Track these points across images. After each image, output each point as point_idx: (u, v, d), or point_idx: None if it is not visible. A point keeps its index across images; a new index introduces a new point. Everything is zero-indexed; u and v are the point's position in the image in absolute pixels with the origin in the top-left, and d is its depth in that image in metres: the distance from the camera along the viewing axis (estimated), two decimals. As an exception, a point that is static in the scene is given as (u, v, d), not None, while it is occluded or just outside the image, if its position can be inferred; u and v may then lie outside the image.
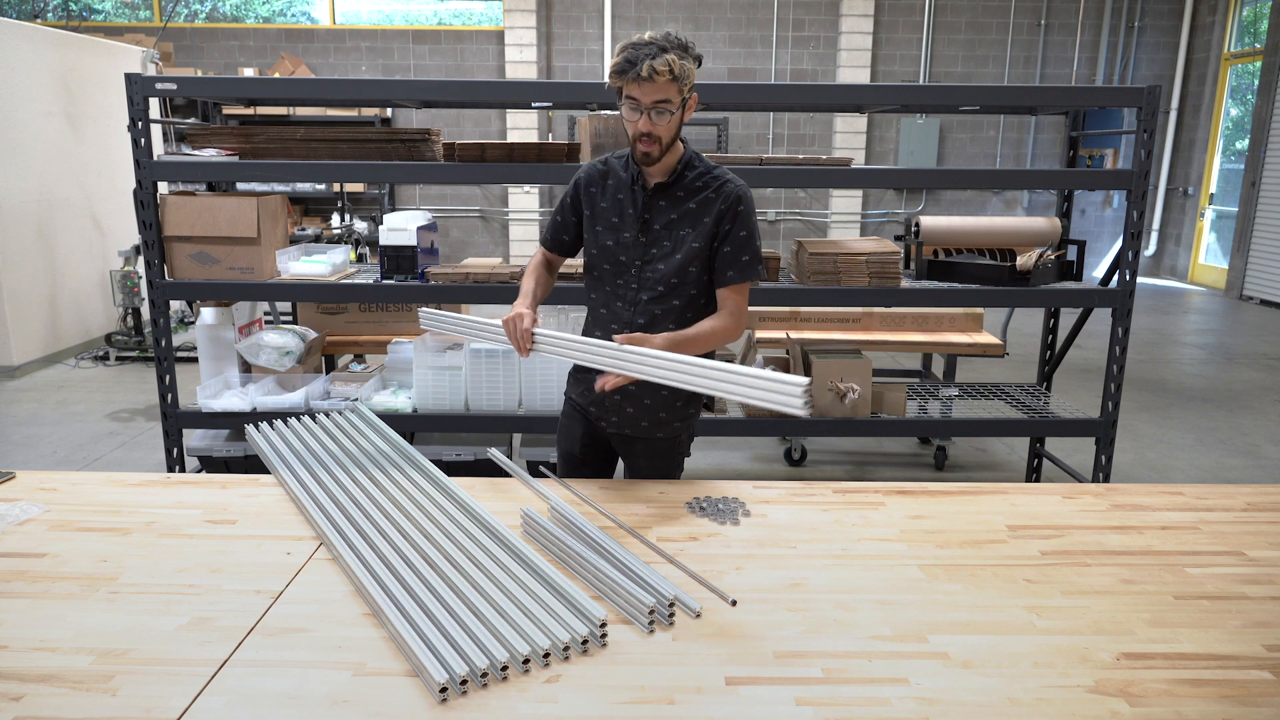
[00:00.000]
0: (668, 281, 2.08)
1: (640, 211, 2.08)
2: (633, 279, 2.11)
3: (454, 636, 1.37)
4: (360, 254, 8.93)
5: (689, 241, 2.06)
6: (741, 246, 2.06)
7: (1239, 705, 1.28)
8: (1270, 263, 9.17)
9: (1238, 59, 10.03)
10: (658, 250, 2.08)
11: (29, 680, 1.30)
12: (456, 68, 10.27)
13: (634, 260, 2.10)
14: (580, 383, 2.25)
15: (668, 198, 2.07)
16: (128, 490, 2.03)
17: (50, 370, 6.16)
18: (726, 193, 2.05)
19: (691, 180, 2.07)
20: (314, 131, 3.39)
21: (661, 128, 1.94)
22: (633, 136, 1.98)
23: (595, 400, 2.18)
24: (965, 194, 10.71)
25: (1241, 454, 4.71)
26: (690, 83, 1.95)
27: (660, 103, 1.91)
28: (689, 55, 1.93)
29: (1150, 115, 3.24)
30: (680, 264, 2.06)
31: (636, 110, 1.93)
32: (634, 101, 1.92)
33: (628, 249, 2.10)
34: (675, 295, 2.09)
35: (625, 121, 1.97)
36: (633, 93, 1.91)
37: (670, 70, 1.88)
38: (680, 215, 2.06)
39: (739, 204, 2.05)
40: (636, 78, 1.88)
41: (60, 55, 6.38)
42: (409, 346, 3.64)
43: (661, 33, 1.92)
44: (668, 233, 2.07)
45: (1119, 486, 2.13)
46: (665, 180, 2.06)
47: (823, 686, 1.32)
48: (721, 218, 2.04)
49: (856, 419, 3.54)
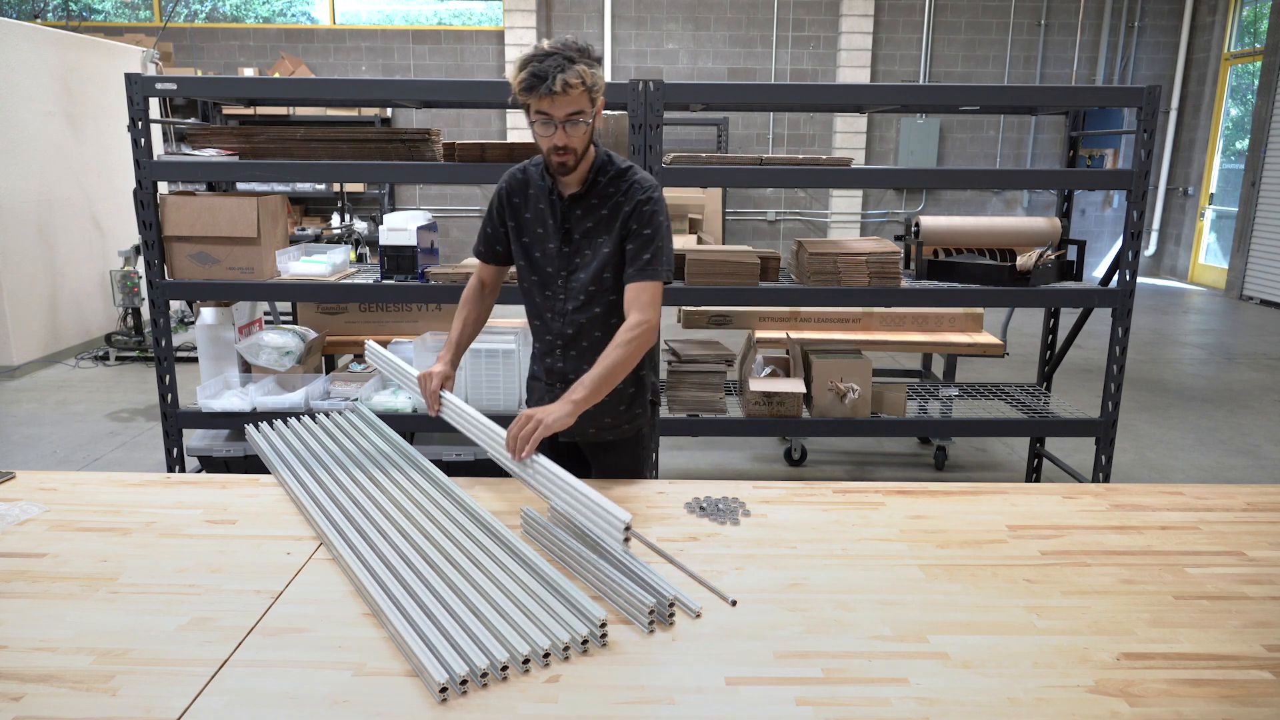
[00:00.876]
0: (587, 290, 2.07)
1: (560, 222, 2.06)
2: (559, 290, 2.11)
3: (454, 636, 1.37)
4: (360, 254, 8.93)
5: (603, 249, 2.05)
6: (643, 245, 2.02)
7: (1239, 705, 1.28)
8: (1270, 263, 9.17)
9: (1238, 59, 10.03)
10: (580, 260, 2.07)
11: (29, 680, 1.30)
12: (456, 68, 10.27)
13: (559, 271, 2.09)
14: (537, 391, 2.27)
15: (583, 206, 2.05)
16: (128, 490, 2.03)
17: (50, 370, 6.16)
18: (632, 193, 2.02)
19: (604, 186, 2.04)
20: (314, 131, 3.39)
21: (576, 139, 1.91)
22: (546, 151, 1.95)
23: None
24: (965, 194, 10.71)
25: (1241, 454, 4.71)
26: (601, 90, 1.91)
27: (573, 115, 1.87)
28: (595, 61, 1.88)
29: (1150, 115, 3.24)
30: (596, 271, 2.05)
31: (549, 125, 1.88)
32: (545, 116, 1.87)
33: (553, 260, 2.09)
34: (596, 303, 2.09)
35: (537, 137, 1.93)
36: (544, 108, 1.86)
37: (582, 81, 1.84)
38: (596, 223, 2.05)
39: (644, 204, 2.01)
40: (548, 92, 1.82)
41: (60, 55, 6.38)
42: (409, 346, 3.64)
43: (559, 40, 1.87)
44: (588, 241, 2.06)
45: (1119, 486, 2.13)
46: (579, 190, 2.03)
47: (823, 686, 1.32)
48: (628, 219, 2.02)
49: (856, 419, 3.54)
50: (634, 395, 2.21)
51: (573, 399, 1.89)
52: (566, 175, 1.99)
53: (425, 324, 4.07)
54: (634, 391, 2.21)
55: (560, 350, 2.16)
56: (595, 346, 2.08)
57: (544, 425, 1.81)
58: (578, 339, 2.13)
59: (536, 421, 1.81)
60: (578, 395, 1.90)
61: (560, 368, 2.17)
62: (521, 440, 1.81)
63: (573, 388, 1.92)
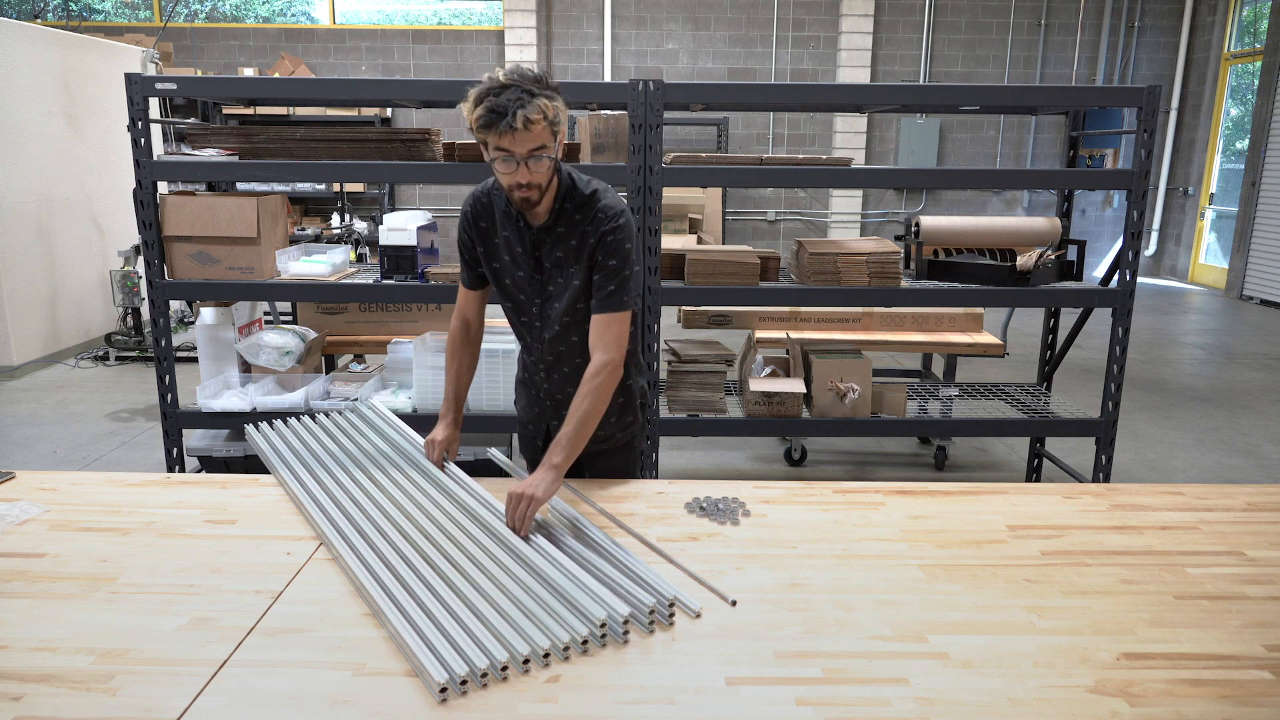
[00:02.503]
0: (562, 320, 2.02)
1: (530, 250, 1.99)
2: (535, 317, 2.06)
3: (454, 636, 1.37)
4: (360, 254, 8.91)
5: (573, 279, 1.99)
6: (608, 276, 1.95)
7: (1239, 705, 1.28)
8: (1270, 263, 9.16)
9: (1238, 59, 10.03)
10: (554, 288, 2.01)
11: (29, 680, 1.30)
12: (456, 68, 10.27)
13: (533, 299, 2.04)
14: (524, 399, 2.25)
15: (552, 236, 1.97)
16: (128, 490, 2.03)
17: (50, 370, 6.16)
18: (598, 222, 1.94)
19: (571, 214, 1.95)
20: (314, 131, 3.39)
21: (540, 175, 1.82)
22: (508, 188, 1.84)
23: (535, 420, 2.22)
24: (965, 194, 10.71)
25: (1241, 454, 4.71)
26: (562, 122, 1.80)
27: (536, 150, 1.77)
28: (554, 92, 1.78)
29: (1150, 115, 3.24)
30: (569, 302, 2.00)
31: (510, 162, 1.77)
32: (506, 153, 1.76)
33: (524, 288, 2.04)
34: (573, 331, 2.04)
35: (498, 174, 1.83)
36: (504, 145, 1.75)
37: (544, 115, 1.74)
38: (565, 253, 1.98)
39: (608, 234, 1.93)
40: (508, 129, 1.71)
41: (60, 55, 6.38)
42: (409, 346, 3.64)
43: (514, 71, 1.76)
44: (559, 270, 2.00)
45: (1119, 486, 2.13)
46: (546, 221, 1.95)
47: (823, 686, 1.32)
48: (594, 250, 1.95)
49: (856, 419, 3.54)
50: (623, 405, 2.17)
51: (553, 464, 1.81)
52: (531, 209, 1.91)
53: (425, 324, 4.07)
54: (623, 401, 2.16)
55: (545, 372, 2.13)
56: (575, 372, 2.06)
57: (536, 501, 1.73)
58: (559, 364, 2.10)
59: (529, 499, 1.73)
60: (557, 459, 1.83)
61: (547, 388, 2.15)
62: (522, 521, 1.72)
63: (551, 451, 1.85)
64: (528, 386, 2.23)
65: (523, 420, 2.29)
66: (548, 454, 1.85)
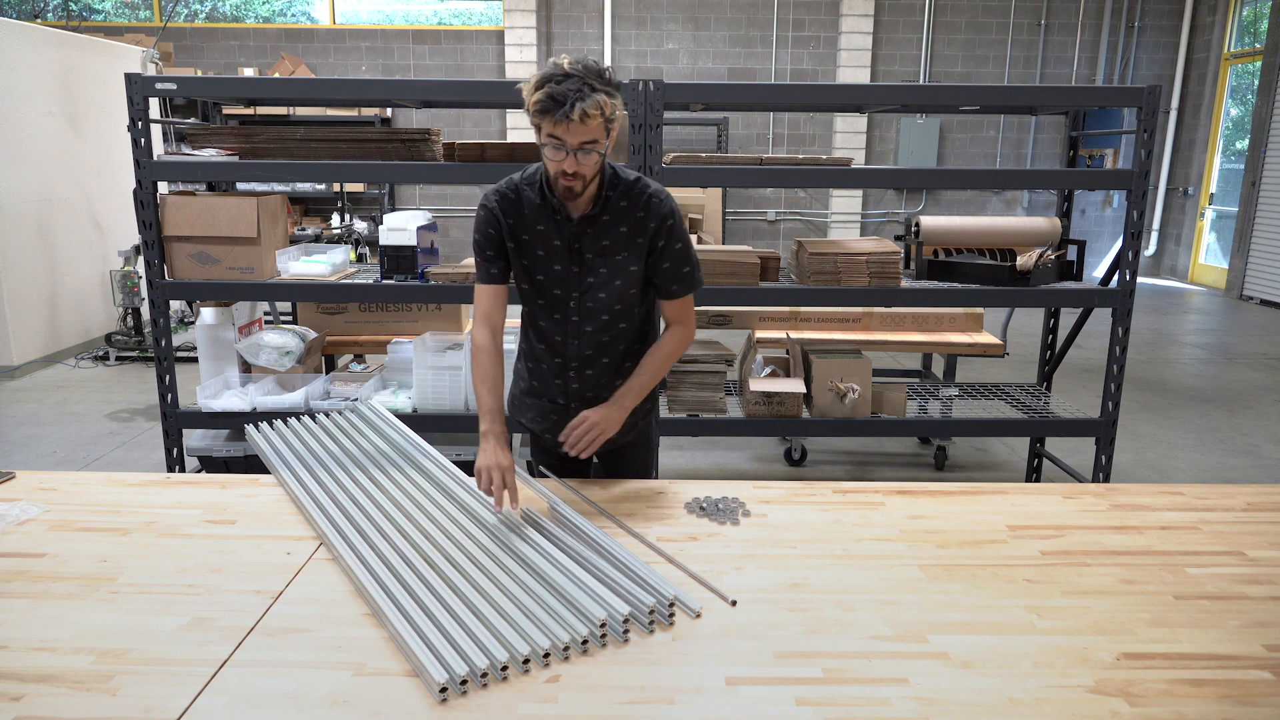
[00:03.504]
0: (612, 309, 2.00)
1: (569, 242, 1.96)
2: (572, 312, 2.01)
3: (454, 636, 1.37)
4: (360, 254, 8.93)
5: (627, 266, 1.97)
6: (681, 259, 2.00)
7: (1239, 705, 1.28)
8: (1270, 263, 9.16)
9: (1238, 59, 10.03)
10: (594, 279, 1.98)
11: (29, 680, 1.30)
12: (456, 68, 10.26)
13: (570, 293, 1.99)
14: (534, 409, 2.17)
15: (596, 225, 1.95)
16: (127, 490, 2.03)
17: (50, 370, 6.16)
18: (654, 209, 1.95)
19: (617, 201, 1.94)
20: (314, 131, 3.39)
21: (588, 167, 1.83)
22: (554, 174, 1.85)
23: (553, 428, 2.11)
24: (965, 194, 10.71)
25: (1241, 454, 4.71)
26: (617, 119, 1.82)
27: (588, 143, 1.78)
28: (614, 89, 1.79)
29: (1150, 115, 3.24)
30: (621, 290, 1.98)
31: (561, 150, 1.78)
32: (558, 141, 1.77)
33: (561, 282, 1.99)
34: (621, 319, 2.02)
35: (546, 160, 1.84)
36: (558, 133, 1.76)
37: (601, 111, 1.75)
38: (613, 241, 1.96)
39: (669, 218, 1.96)
40: (564, 119, 1.73)
41: (60, 55, 6.38)
42: (409, 346, 3.64)
43: (579, 62, 1.76)
44: (602, 260, 1.97)
45: (1119, 486, 2.13)
46: (590, 211, 1.93)
47: (823, 686, 1.32)
48: (655, 236, 1.96)
49: (856, 419, 3.54)
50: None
51: (624, 405, 1.97)
52: (573, 199, 1.90)
53: (425, 324, 4.07)
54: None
55: (575, 371, 2.07)
56: (614, 364, 2.05)
57: (605, 433, 1.92)
58: (596, 359, 2.05)
59: (600, 429, 1.91)
60: (628, 401, 1.99)
61: (576, 388, 2.08)
62: (585, 442, 1.89)
63: (622, 393, 1.99)
64: (538, 396, 2.16)
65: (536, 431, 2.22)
66: (618, 396, 1.99)
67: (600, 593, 1.49)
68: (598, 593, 1.49)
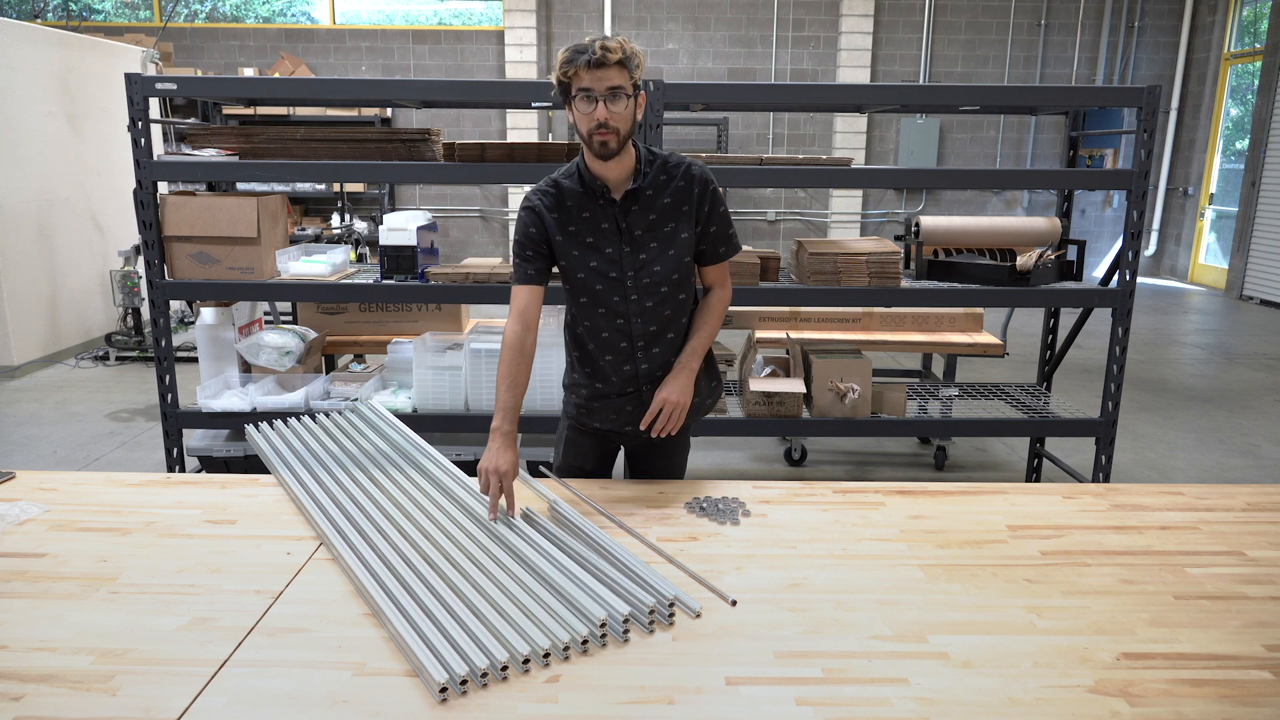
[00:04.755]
0: (670, 279, 2.04)
1: (616, 223, 2.02)
2: (630, 291, 2.04)
3: (454, 636, 1.37)
4: (360, 254, 8.93)
5: (679, 234, 2.04)
6: (725, 222, 2.10)
7: (1239, 705, 1.28)
8: (1270, 263, 9.16)
9: (1238, 59, 10.03)
10: (647, 254, 2.03)
11: (29, 680, 1.30)
12: (456, 68, 10.26)
13: (626, 272, 2.03)
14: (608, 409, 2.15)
15: (639, 201, 2.01)
16: (127, 490, 2.03)
17: (50, 370, 6.16)
18: (695, 175, 2.04)
19: (655, 175, 2.03)
20: (314, 131, 3.39)
21: (618, 117, 1.89)
22: (587, 132, 1.91)
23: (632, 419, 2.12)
24: (965, 194, 10.71)
25: (1241, 454, 4.71)
26: (640, 73, 1.93)
27: (614, 89, 1.87)
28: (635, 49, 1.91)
29: (1150, 115, 3.24)
30: (676, 259, 2.04)
31: (591, 100, 1.87)
32: (587, 92, 1.87)
33: (615, 263, 2.03)
34: (680, 289, 2.07)
35: (579, 119, 1.91)
36: (585, 82, 1.87)
37: (621, 49, 1.86)
38: (660, 213, 2.03)
39: (710, 183, 2.07)
40: (588, 63, 1.84)
41: (60, 55, 6.38)
42: (409, 346, 3.64)
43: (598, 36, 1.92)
44: (653, 234, 2.03)
45: (1119, 486, 2.13)
46: (633, 185, 2.00)
47: (823, 686, 1.32)
48: (701, 201, 2.05)
49: (856, 419, 3.54)
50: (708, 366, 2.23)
51: (690, 368, 2.04)
52: (608, 158, 1.94)
53: (425, 324, 4.07)
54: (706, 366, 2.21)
55: (642, 352, 2.08)
56: (678, 337, 2.10)
57: (683, 406, 2.00)
58: (661, 334, 2.08)
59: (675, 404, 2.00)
60: (693, 363, 2.05)
61: (646, 369, 2.09)
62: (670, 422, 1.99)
63: (685, 359, 2.06)
64: (606, 396, 2.13)
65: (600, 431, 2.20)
66: (680, 364, 2.06)
67: (600, 593, 1.49)
68: (598, 593, 1.49)
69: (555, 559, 1.60)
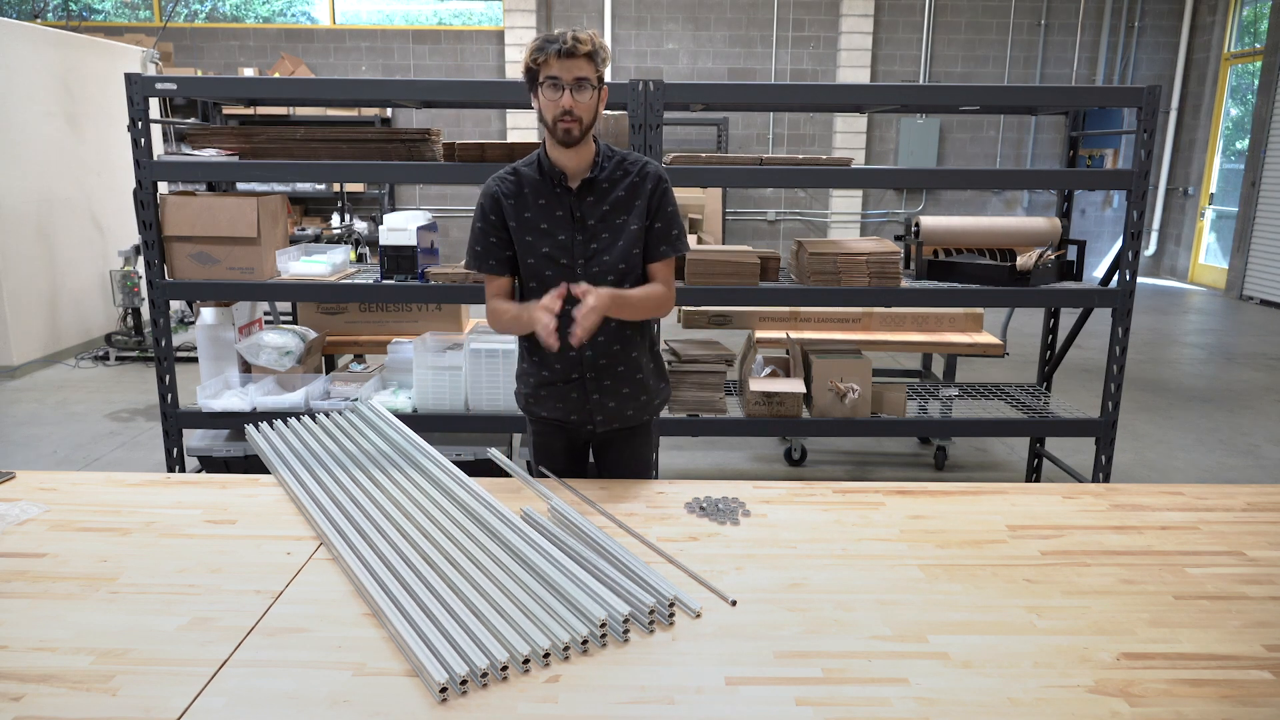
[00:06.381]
0: (616, 269, 2.10)
1: (570, 211, 2.09)
2: (579, 278, 2.07)
3: (454, 636, 1.37)
4: (360, 254, 8.93)
5: (628, 226, 2.10)
6: (671, 222, 2.14)
7: (1239, 705, 1.28)
8: (1270, 263, 9.16)
9: (1238, 59, 10.03)
10: (598, 244, 2.10)
11: (29, 680, 1.30)
12: (456, 68, 10.26)
13: (576, 259, 2.09)
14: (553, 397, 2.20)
15: (594, 191, 2.09)
16: (128, 490, 2.03)
17: (50, 370, 6.16)
18: (649, 172, 2.11)
19: (612, 170, 2.10)
20: (314, 131, 3.39)
21: (582, 106, 1.96)
22: (552, 119, 1.97)
23: (577, 408, 2.19)
24: (965, 194, 10.71)
25: (1241, 454, 4.71)
26: (605, 67, 2.00)
27: (581, 79, 1.94)
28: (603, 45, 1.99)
29: (1150, 115, 3.24)
30: (625, 249, 2.10)
31: (558, 88, 1.94)
32: (555, 80, 1.94)
33: (566, 250, 2.09)
34: (626, 279, 2.12)
35: (545, 105, 1.97)
36: (553, 71, 1.93)
37: (591, 42, 1.93)
38: (613, 205, 2.10)
39: (662, 182, 2.12)
40: (559, 52, 1.90)
41: (60, 55, 6.38)
42: (409, 346, 3.64)
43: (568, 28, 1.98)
44: (604, 225, 2.10)
45: (1119, 486, 2.13)
46: (590, 175, 2.07)
47: (823, 686, 1.32)
48: (651, 196, 2.10)
49: (856, 419, 3.54)
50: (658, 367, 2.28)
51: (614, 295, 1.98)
52: (570, 145, 2.01)
53: (425, 324, 4.06)
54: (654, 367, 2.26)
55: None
56: (622, 326, 2.13)
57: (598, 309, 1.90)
58: (605, 321, 2.08)
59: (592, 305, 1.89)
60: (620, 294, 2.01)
61: (590, 355, 2.13)
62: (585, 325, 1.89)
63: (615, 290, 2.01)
64: (552, 383, 2.18)
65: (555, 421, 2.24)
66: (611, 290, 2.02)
67: (600, 593, 1.49)
68: (598, 593, 1.49)
69: (555, 559, 1.60)
